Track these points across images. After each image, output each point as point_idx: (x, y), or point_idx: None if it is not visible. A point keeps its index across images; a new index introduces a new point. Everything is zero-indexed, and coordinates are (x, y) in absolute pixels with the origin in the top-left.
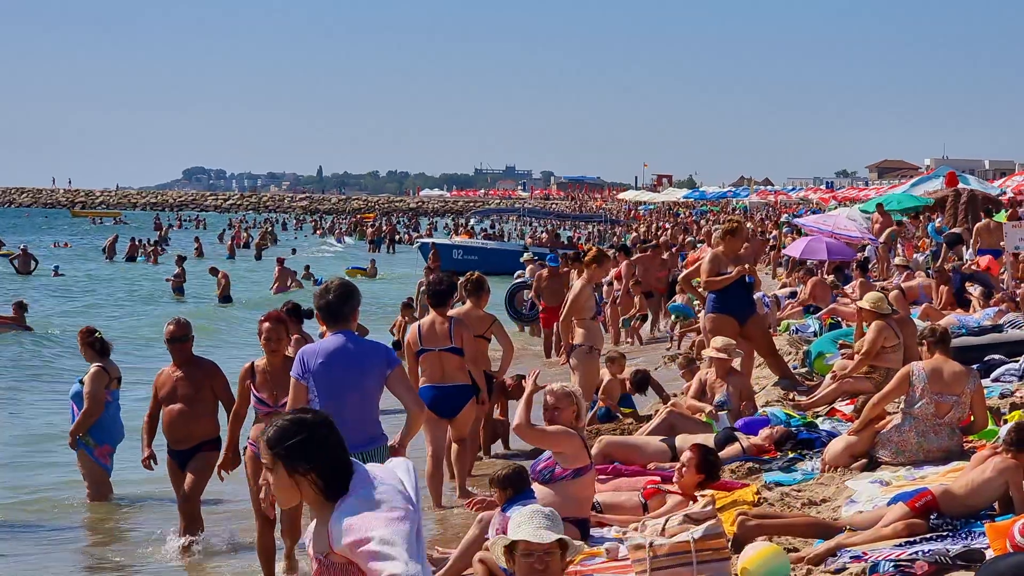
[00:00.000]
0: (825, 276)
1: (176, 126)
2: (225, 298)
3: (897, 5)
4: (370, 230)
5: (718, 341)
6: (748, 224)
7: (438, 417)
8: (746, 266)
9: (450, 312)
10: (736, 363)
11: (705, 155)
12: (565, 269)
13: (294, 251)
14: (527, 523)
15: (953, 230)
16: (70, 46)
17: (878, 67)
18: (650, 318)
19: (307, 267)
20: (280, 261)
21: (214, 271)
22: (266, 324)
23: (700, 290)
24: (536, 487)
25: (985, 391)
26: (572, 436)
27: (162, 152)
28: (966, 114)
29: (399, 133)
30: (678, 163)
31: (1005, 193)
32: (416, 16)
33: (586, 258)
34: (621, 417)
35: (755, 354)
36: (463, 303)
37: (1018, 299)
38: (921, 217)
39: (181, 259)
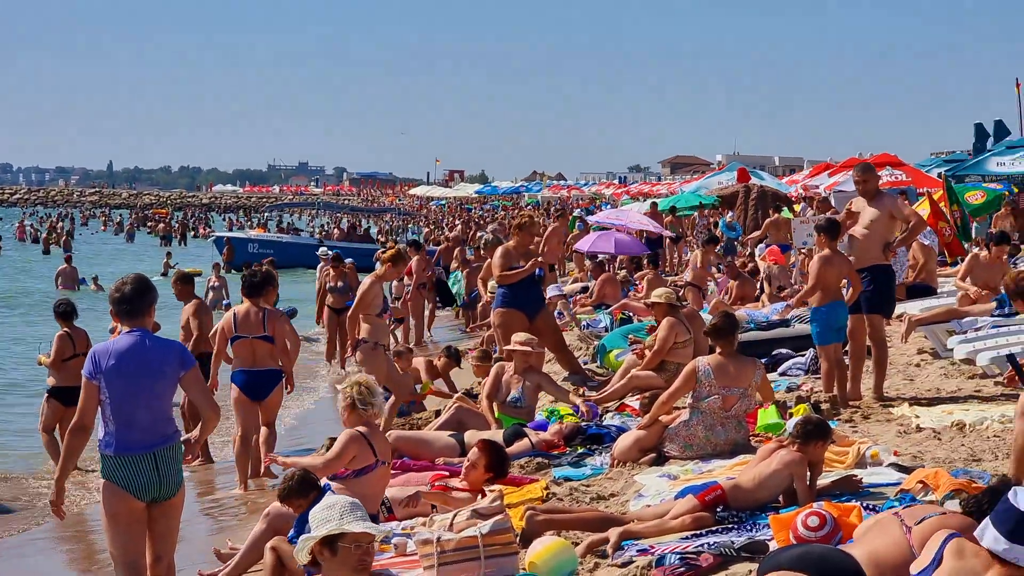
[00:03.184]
0: (616, 272)
1: None
2: None
3: (688, 2)
4: (161, 226)
5: (521, 336)
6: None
7: (249, 400)
8: (539, 260)
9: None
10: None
11: (497, 151)
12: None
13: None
14: (351, 515)
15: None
16: None
17: (670, 63)
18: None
19: (95, 277)
20: (67, 259)
21: None
22: None
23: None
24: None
25: (772, 385)
26: (354, 440)
27: None
28: (757, 112)
29: (191, 128)
30: (470, 159)
31: (795, 190)
32: (205, 8)
33: (385, 255)
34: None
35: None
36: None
37: None
38: (709, 211)
39: None
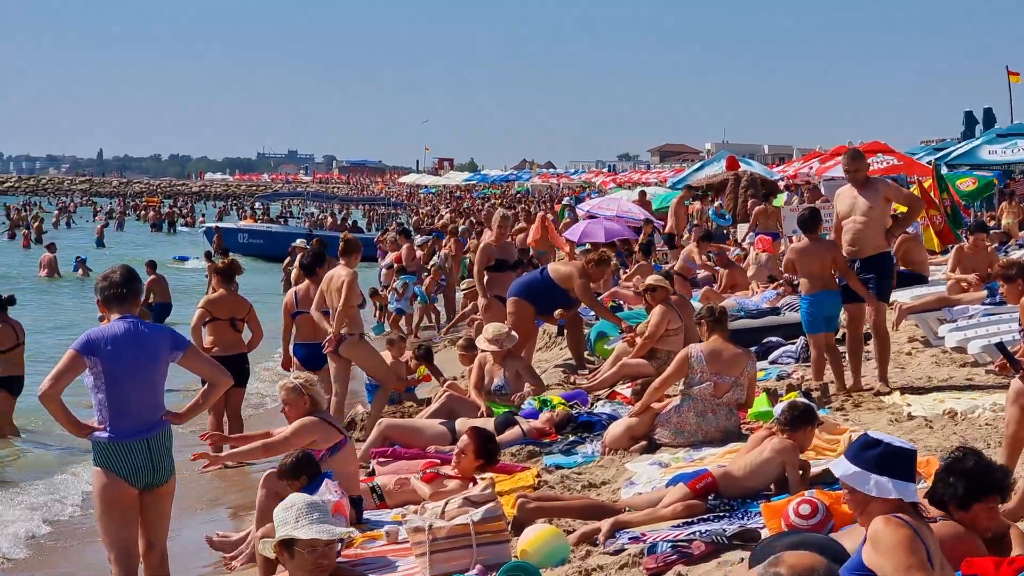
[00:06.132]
0: None
1: None
2: None
3: None
4: (151, 214)
5: (489, 331)
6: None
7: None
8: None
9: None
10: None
11: (487, 139)
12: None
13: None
14: (306, 518)
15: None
16: None
17: (660, 51)
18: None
19: (83, 260)
20: (51, 247)
21: None
22: None
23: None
24: None
25: (763, 373)
26: (313, 424)
27: None
28: (746, 100)
29: (181, 116)
30: (459, 147)
31: (783, 179)
32: None
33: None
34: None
35: (536, 337)
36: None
37: (795, 282)
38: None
39: None
